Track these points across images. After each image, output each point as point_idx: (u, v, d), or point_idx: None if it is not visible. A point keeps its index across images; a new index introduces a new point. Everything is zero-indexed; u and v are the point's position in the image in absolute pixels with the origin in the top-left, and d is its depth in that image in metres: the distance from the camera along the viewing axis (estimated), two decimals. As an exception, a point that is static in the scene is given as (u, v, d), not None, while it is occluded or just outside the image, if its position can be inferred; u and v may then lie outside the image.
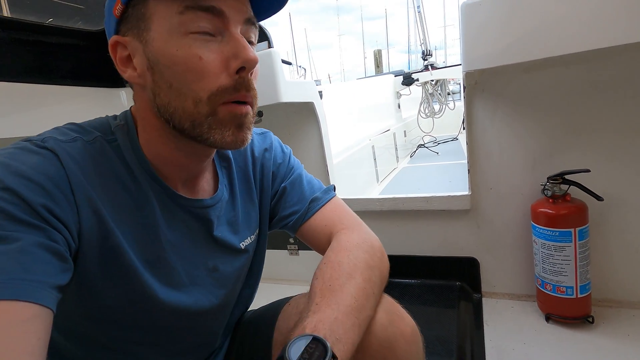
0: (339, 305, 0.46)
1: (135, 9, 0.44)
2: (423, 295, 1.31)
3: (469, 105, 1.17)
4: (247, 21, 0.46)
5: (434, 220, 1.33)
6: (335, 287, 0.48)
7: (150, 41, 0.44)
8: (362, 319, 0.47)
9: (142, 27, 0.44)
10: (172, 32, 0.43)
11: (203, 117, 0.44)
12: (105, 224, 0.45)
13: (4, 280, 0.34)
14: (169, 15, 0.42)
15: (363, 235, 0.59)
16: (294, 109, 1.48)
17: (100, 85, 1.21)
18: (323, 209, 0.64)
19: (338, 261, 0.52)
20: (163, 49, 0.43)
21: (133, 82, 0.47)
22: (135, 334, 0.52)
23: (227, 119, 0.45)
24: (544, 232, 1.04)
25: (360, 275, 0.51)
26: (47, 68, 1.07)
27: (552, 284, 1.05)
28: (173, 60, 0.43)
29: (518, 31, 0.92)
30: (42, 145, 0.42)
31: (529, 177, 1.15)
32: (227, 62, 0.44)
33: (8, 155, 0.39)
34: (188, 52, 0.42)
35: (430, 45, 3.84)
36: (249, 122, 0.48)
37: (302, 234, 0.65)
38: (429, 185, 2.49)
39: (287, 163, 0.68)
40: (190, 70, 0.43)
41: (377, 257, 0.56)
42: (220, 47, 0.44)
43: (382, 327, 0.51)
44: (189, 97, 0.44)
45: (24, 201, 0.37)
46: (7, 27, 0.98)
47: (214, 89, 0.43)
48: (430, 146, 3.83)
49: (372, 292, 0.51)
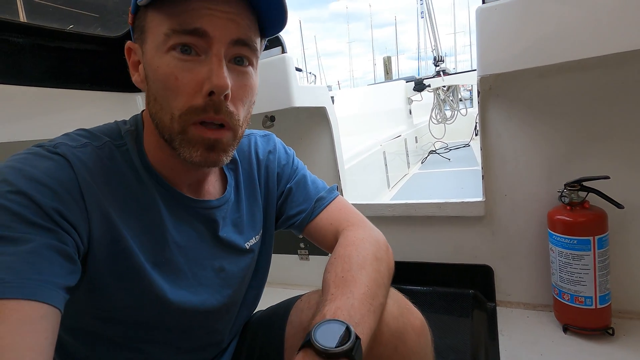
0: (354, 293, 0.47)
1: (139, 20, 0.47)
2: (435, 303, 1.29)
3: (483, 110, 1.16)
4: (236, 42, 0.45)
5: (446, 227, 1.31)
6: (348, 278, 0.50)
7: (145, 53, 0.46)
8: (376, 305, 0.49)
9: (143, 38, 0.47)
10: (158, 48, 0.44)
11: (175, 133, 0.46)
12: (114, 227, 0.46)
13: (15, 280, 0.35)
14: (158, 33, 0.44)
15: (368, 231, 0.61)
16: (306, 114, 1.48)
17: (117, 90, 1.24)
18: (328, 207, 0.65)
19: (348, 255, 0.54)
20: (151, 63, 0.45)
21: (138, 86, 0.50)
22: (144, 334, 0.53)
23: (195, 139, 0.46)
24: (561, 240, 1.02)
25: (370, 266, 0.53)
26: (67, 73, 1.10)
27: (569, 293, 1.02)
28: (156, 76, 0.45)
29: (534, 35, 0.91)
30: (53, 150, 0.43)
31: (545, 183, 1.13)
32: (202, 84, 0.44)
33: (21, 160, 0.41)
34: (166, 70, 0.44)
35: (442, 52, 3.82)
36: (224, 146, 0.47)
37: (308, 233, 0.66)
38: (440, 191, 2.47)
39: (291, 164, 0.69)
40: (167, 88, 0.44)
41: (383, 250, 0.58)
42: (199, 68, 0.44)
43: (393, 317, 0.52)
44: (167, 112, 0.45)
45: (36, 204, 0.38)
46: (30, 34, 1.01)
47: (185, 108, 0.44)
48: (441, 152, 3.79)
49: (382, 281, 0.53)
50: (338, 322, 0.41)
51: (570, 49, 0.87)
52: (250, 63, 0.48)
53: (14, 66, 0.97)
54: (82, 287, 0.45)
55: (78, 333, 0.51)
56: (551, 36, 0.89)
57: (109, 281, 0.47)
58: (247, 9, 0.46)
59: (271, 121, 1.46)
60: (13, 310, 0.34)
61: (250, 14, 0.46)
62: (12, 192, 0.38)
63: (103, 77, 1.21)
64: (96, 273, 0.45)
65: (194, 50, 0.44)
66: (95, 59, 1.18)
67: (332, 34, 36.27)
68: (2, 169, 0.40)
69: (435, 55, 3.74)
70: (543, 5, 0.89)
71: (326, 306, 0.45)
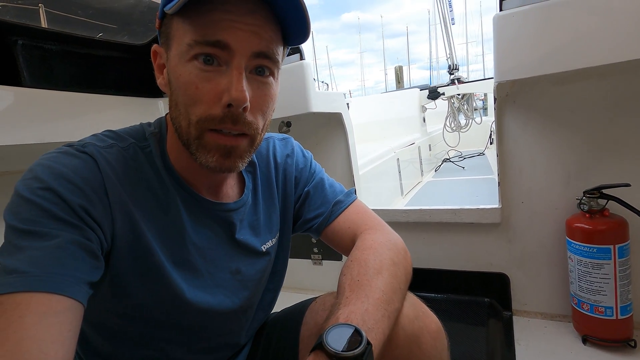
0: (369, 298, 0.47)
1: (165, 26, 0.48)
2: (450, 310, 1.27)
3: (500, 117, 1.16)
4: (257, 54, 0.46)
5: (461, 234, 1.30)
6: (364, 282, 0.49)
7: (170, 59, 0.48)
8: (391, 311, 0.48)
9: (168, 44, 0.48)
10: (181, 56, 0.45)
11: (192, 138, 0.47)
12: (136, 225, 0.47)
13: (42, 274, 0.37)
14: (182, 41, 0.45)
15: (386, 235, 0.60)
16: (323, 120, 1.50)
17: (140, 95, 1.29)
18: (346, 211, 0.65)
19: (364, 259, 0.54)
20: (174, 70, 0.47)
21: (161, 89, 0.51)
22: (163, 332, 0.54)
23: (211, 145, 0.47)
24: (580, 248, 1.00)
25: (386, 270, 0.52)
26: (94, 78, 1.15)
27: (589, 303, 1.00)
28: (178, 82, 0.46)
29: (552, 42, 0.91)
30: (82, 150, 0.45)
31: (563, 190, 1.11)
32: (221, 94, 0.45)
33: (51, 158, 0.43)
34: (188, 78, 0.45)
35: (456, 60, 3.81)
36: (241, 152, 0.49)
37: (326, 236, 0.66)
38: (454, 199, 2.44)
39: (309, 167, 0.70)
40: (187, 96, 0.45)
41: (401, 254, 0.58)
42: (219, 78, 0.45)
43: (408, 320, 0.52)
44: (185, 117, 0.47)
45: (64, 201, 0.40)
46: (62, 41, 1.06)
47: (203, 115, 0.45)
48: (455, 161, 3.76)
49: (398, 287, 0.52)
50: (351, 326, 0.41)
51: (589, 56, 0.87)
52: (271, 73, 0.49)
53: (46, 71, 1.02)
54: (105, 283, 0.47)
55: (102, 329, 0.53)
56: (569, 43, 0.89)
57: (130, 278, 0.48)
58: (272, 19, 0.47)
59: (287, 127, 1.49)
60: (39, 302, 0.36)
61: (274, 25, 0.47)
62: (42, 189, 0.40)
63: (128, 82, 1.26)
64: (118, 270, 0.47)
65: (216, 61, 0.45)
66: (121, 65, 1.24)
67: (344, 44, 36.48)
68: (34, 167, 0.42)
69: (450, 64, 3.73)
70: (561, 12, 0.90)
71: (340, 310, 0.45)
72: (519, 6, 0.95)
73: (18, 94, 0.92)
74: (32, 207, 0.39)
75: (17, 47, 0.96)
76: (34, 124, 0.94)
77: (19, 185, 0.41)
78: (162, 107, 1.36)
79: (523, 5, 0.94)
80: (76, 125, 1.05)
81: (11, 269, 0.37)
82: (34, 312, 0.35)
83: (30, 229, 0.38)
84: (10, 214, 0.40)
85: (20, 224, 0.39)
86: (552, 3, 0.91)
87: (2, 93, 0.89)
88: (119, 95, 1.20)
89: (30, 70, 0.98)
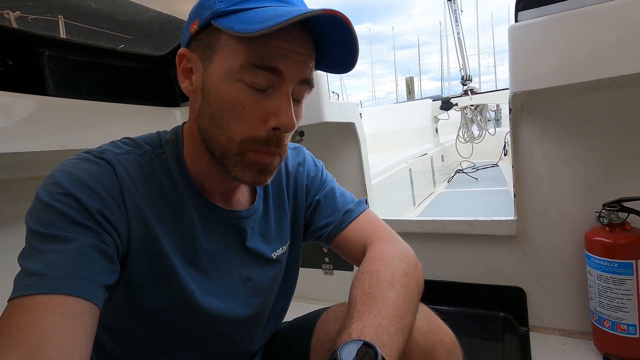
0: (381, 311, 0.46)
1: (207, 35, 0.47)
2: (464, 324, 1.24)
3: (515, 127, 1.15)
4: (302, 81, 0.47)
5: (476, 246, 1.28)
6: (376, 295, 0.49)
7: (210, 70, 0.47)
8: (405, 324, 0.47)
9: (208, 55, 0.47)
10: (229, 73, 0.45)
11: (232, 154, 0.48)
12: (151, 230, 0.48)
13: (60, 277, 0.38)
14: (232, 59, 0.45)
15: (397, 245, 0.59)
16: (335, 129, 1.51)
17: (158, 104, 1.32)
18: (356, 220, 0.65)
19: (375, 270, 0.53)
20: (217, 84, 0.46)
21: (187, 94, 0.51)
22: (174, 338, 0.54)
23: (252, 163, 0.48)
24: (600, 263, 0.97)
25: (398, 283, 0.51)
26: (115, 88, 1.19)
27: (610, 320, 0.97)
28: (221, 98, 0.46)
29: (569, 53, 0.90)
30: (100, 156, 0.46)
31: (581, 203, 1.09)
32: (267, 117, 0.46)
33: (70, 164, 0.44)
34: (235, 98, 0.45)
35: (469, 71, 3.81)
36: (272, 169, 0.50)
37: (336, 245, 0.66)
38: (468, 210, 2.41)
39: (320, 176, 0.70)
40: (233, 114, 0.46)
41: (413, 266, 0.57)
42: (266, 101, 0.46)
43: (422, 334, 0.51)
44: (225, 133, 0.47)
45: (82, 206, 0.41)
46: (86, 52, 1.10)
47: (248, 136, 0.46)
48: (469, 172, 3.72)
49: (411, 299, 0.51)
50: (364, 342, 0.40)
51: (608, 66, 0.86)
52: (303, 99, 0.51)
53: (70, 81, 1.06)
54: (120, 287, 0.47)
55: (116, 334, 0.54)
56: (587, 53, 0.88)
57: (145, 282, 0.49)
58: (314, 48, 0.49)
59: (300, 136, 1.50)
60: (58, 304, 0.36)
61: (314, 53, 0.49)
62: (62, 194, 0.41)
63: (147, 92, 1.29)
64: (133, 273, 0.48)
65: (266, 84, 0.45)
66: (140, 75, 1.27)
67: (356, 55, 37.70)
68: (54, 173, 0.43)
69: (463, 74, 3.73)
70: (577, 23, 0.89)
71: (352, 324, 0.45)
72: (534, 17, 0.95)
73: (44, 102, 0.96)
74: (52, 212, 0.40)
75: (43, 58, 1.00)
76: (57, 132, 0.97)
77: (39, 191, 0.42)
78: (179, 116, 1.39)
79: (538, 17, 0.94)
80: (97, 132, 1.08)
81: (32, 271, 0.38)
82: (52, 313, 0.36)
83: (50, 233, 0.39)
84: (31, 218, 0.41)
85: (41, 228, 0.40)
86: (568, 15, 0.90)
87: (28, 101, 0.92)
88: (138, 104, 1.24)
89: (55, 79, 1.02)
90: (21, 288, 0.37)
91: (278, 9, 0.44)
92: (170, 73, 1.38)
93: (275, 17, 0.41)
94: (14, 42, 0.95)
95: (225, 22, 0.44)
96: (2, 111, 0.85)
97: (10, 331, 0.35)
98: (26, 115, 0.91)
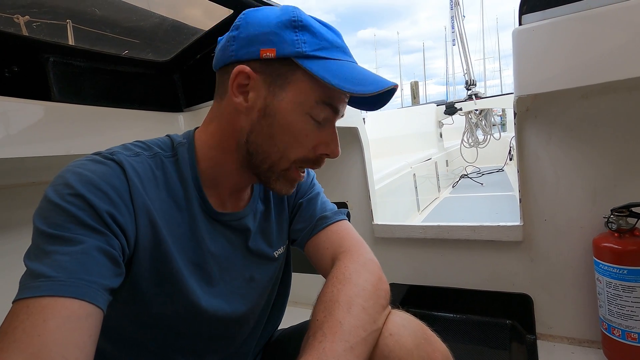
0: (326, 336, 0.45)
1: (283, 66, 0.50)
2: (469, 332, 1.22)
3: (520, 131, 1.13)
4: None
5: (481, 252, 1.26)
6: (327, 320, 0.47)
7: (278, 98, 0.50)
8: (356, 341, 0.45)
9: (278, 83, 0.50)
10: (301, 106, 0.51)
11: (279, 169, 0.53)
12: (157, 232, 0.48)
13: (66, 279, 0.37)
14: (307, 96, 0.51)
15: (361, 259, 0.57)
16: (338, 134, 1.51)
17: (162, 110, 1.32)
18: (329, 228, 0.64)
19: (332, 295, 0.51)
20: (286, 112, 0.51)
21: (236, 107, 0.51)
22: (177, 341, 0.54)
23: (291, 177, 0.55)
24: (609, 270, 0.95)
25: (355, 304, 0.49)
26: (120, 93, 1.20)
27: (620, 329, 0.94)
28: (288, 125, 0.51)
29: (575, 55, 0.89)
30: (110, 157, 0.47)
31: (589, 208, 1.07)
32: (319, 144, 0.53)
33: (81, 165, 0.44)
34: (302, 127, 0.51)
35: (474, 75, 3.80)
36: (298, 181, 0.58)
37: (308, 252, 0.66)
38: (473, 215, 2.38)
39: (309, 182, 0.71)
40: (295, 140, 0.52)
41: (375, 281, 0.54)
42: (321, 132, 0.53)
43: (406, 352, 0.48)
44: (280, 151, 0.52)
45: (92, 207, 0.41)
46: (90, 58, 1.11)
47: (300, 157, 0.53)
48: (474, 177, 3.69)
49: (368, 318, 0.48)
50: None
51: (615, 69, 0.85)
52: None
53: (74, 86, 1.07)
54: (124, 290, 0.47)
55: (117, 339, 0.53)
56: (593, 56, 0.87)
57: (149, 284, 0.49)
58: None
59: (303, 141, 1.50)
60: (63, 307, 0.36)
61: None
62: (71, 195, 0.41)
63: (151, 97, 1.30)
64: (137, 276, 0.48)
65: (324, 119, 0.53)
66: (144, 81, 1.28)
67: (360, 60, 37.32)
68: (64, 173, 0.43)
69: (467, 79, 3.72)
70: (583, 25, 0.88)
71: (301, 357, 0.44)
72: (539, 20, 0.94)
73: (48, 108, 0.96)
74: (60, 213, 0.40)
75: (48, 64, 1.01)
76: (61, 137, 0.98)
77: (49, 191, 0.42)
78: (182, 121, 1.39)
79: (542, 20, 0.93)
80: (101, 137, 1.08)
81: (38, 273, 0.37)
82: (57, 316, 0.36)
83: (58, 234, 0.39)
84: (39, 218, 0.41)
85: (49, 229, 0.40)
86: (573, 17, 0.89)
87: (33, 107, 0.93)
88: (142, 109, 1.24)
89: (59, 85, 1.03)
90: (27, 289, 0.37)
91: (351, 65, 0.52)
92: (174, 78, 1.38)
93: (363, 79, 0.50)
94: (19, 48, 0.96)
95: (311, 66, 0.49)
96: (6, 116, 0.86)
97: (15, 333, 0.35)
98: (30, 120, 0.91)
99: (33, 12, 1.04)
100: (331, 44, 0.52)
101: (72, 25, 1.07)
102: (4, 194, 1.01)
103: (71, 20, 1.10)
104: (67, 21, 1.07)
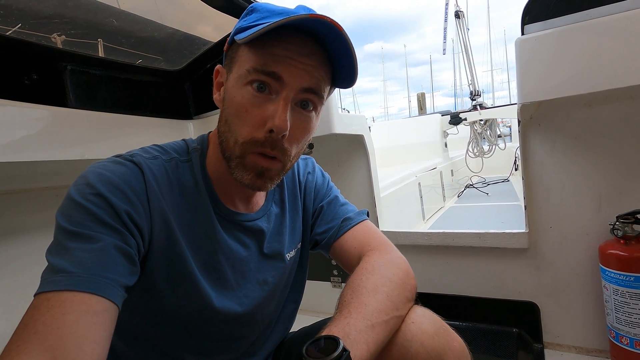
0: (351, 313, 0.47)
1: (232, 51, 0.53)
2: (475, 340, 1.21)
3: (525, 139, 1.15)
4: (305, 89, 0.50)
5: (486, 259, 1.26)
6: (352, 302, 0.50)
7: (228, 80, 0.52)
8: (378, 321, 0.48)
9: (230, 67, 0.53)
10: (239, 80, 0.50)
11: (235, 156, 0.51)
12: (172, 232, 0.50)
13: (85, 275, 0.39)
14: (243, 66, 0.50)
15: (388, 255, 0.60)
16: (345, 141, 1.53)
17: (172, 117, 1.36)
18: (354, 229, 0.66)
19: (359, 282, 0.53)
20: (230, 90, 0.51)
21: (216, 104, 0.56)
22: (188, 341, 0.55)
23: (250, 165, 0.51)
24: (616, 277, 0.95)
25: (381, 291, 0.52)
26: (133, 101, 1.23)
27: (629, 337, 0.94)
28: (231, 103, 0.50)
29: (578, 64, 0.91)
30: (130, 159, 0.49)
31: (594, 215, 1.07)
32: (266, 120, 0.49)
33: (102, 166, 0.47)
34: (241, 101, 0.49)
35: (478, 86, 3.82)
36: (272, 174, 0.52)
37: (334, 252, 0.67)
38: (479, 224, 2.37)
39: (326, 185, 0.73)
40: (238, 116, 0.50)
41: (401, 274, 0.57)
42: (267, 105, 0.49)
43: (428, 337, 0.50)
44: (233, 135, 0.51)
45: (111, 206, 0.43)
46: (106, 67, 1.15)
47: (248, 137, 0.49)
48: (479, 187, 3.68)
49: (392, 305, 0.51)
50: (329, 336, 0.42)
51: (617, 77, 0.86)
52: (314, 108, 0.53)
53: (91, 94, 1.11)
54: (138, 288, 0.49)
55: (128, 336, 0.55)
56: (596, 64, 0.89)
57: (163, 283, 0.50)
58: (326, 62, 0.51)
59: (310, 148, 1.52)
60: (81, 302, 0.38)
61: (327, 67, 0.52)
62: (93, 194, 0.43)
63: (162, 105, 1.34)
64: (152, 274, 0.49)
65: (267, 89, 0.49)
66: (156, 89, 1.32)
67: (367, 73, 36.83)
68: (87, 174, 0.46)
69: (472, 90, 3.74)
70: (586, 35, 0.90)
71: (324, 329, 0.46)
72: (540, 30, 0.96)
73: (64, 114, 1.00)
74: (82, 211, 0.42)
75: (66, 72, 1.05)
76: (76, 142, 1.01)
77: (72, 190, 0.44)
78: (192, 128, 1.42)
79: (545, 30, 0.96)
80: (114, 143, 1.12)
81: (59, 268, 0.39)
82: (76, 310, 0.37)
83: (79, 231, 0.41)
84: (61, 215, 0.43)
85: (70, 226, 0.42)
86: (576, 27, 0.91)
87: (49, 113, 0.96)
88: (154, 116, 1.28)
89: (76, 92, 1.06)
90: (47, 284, 0.39)
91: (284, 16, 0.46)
92: (185, 87, 1.42)
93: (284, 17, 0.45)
94: (38, 57, 1.00)
95: (241, 35, 0.49)
96: (25, 122, 0.89)
97: (36, 325, 0.36)
98: (47, 125, 0.94)
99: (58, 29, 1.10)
100: (273, 12, 0.50)
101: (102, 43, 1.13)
102: (20, 197, 1.04)
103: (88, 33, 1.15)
104: (99, 40, 1.12)
